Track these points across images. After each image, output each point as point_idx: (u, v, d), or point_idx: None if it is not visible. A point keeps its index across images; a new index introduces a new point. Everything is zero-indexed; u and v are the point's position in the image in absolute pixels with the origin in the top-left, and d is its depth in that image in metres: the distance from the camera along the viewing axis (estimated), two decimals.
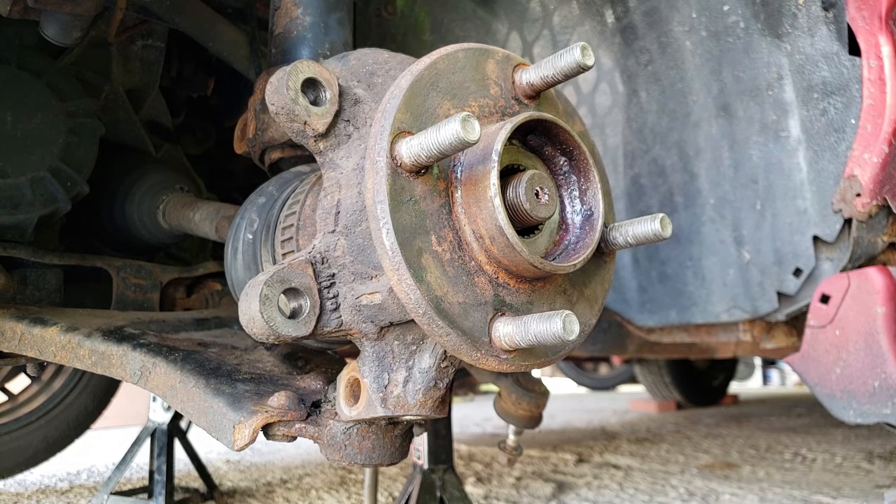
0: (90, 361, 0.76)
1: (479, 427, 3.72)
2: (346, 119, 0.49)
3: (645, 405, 4.80)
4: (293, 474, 2.32)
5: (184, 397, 0.63)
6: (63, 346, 0.79)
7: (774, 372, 9.96)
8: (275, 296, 0.43)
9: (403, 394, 0.49)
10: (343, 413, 0.53)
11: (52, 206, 1.03)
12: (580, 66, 0.38)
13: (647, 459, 2.59)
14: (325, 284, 0.45)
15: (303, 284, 0.44)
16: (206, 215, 1.00)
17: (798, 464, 2.48)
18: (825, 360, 1.14)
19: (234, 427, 0.56)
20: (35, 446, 1.89)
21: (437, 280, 0.38)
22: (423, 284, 0.37)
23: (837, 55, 0.90)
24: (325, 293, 0.45)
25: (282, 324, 0.43)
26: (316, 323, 0.45)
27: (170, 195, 1.13)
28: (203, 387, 0.62)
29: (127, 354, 0.72)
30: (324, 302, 0.45)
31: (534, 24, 1.11)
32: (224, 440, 0.56)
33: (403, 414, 0.49)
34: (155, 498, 1.75)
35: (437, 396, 0.49)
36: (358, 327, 0.47)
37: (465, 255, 0.39)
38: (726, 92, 0.98)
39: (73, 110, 1.06)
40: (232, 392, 0.60)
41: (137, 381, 0.70)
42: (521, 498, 1.93)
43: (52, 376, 1.92)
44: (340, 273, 0.47)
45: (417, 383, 0.48)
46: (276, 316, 0.43)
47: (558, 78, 0.40)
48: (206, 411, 0.60)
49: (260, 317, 0.42)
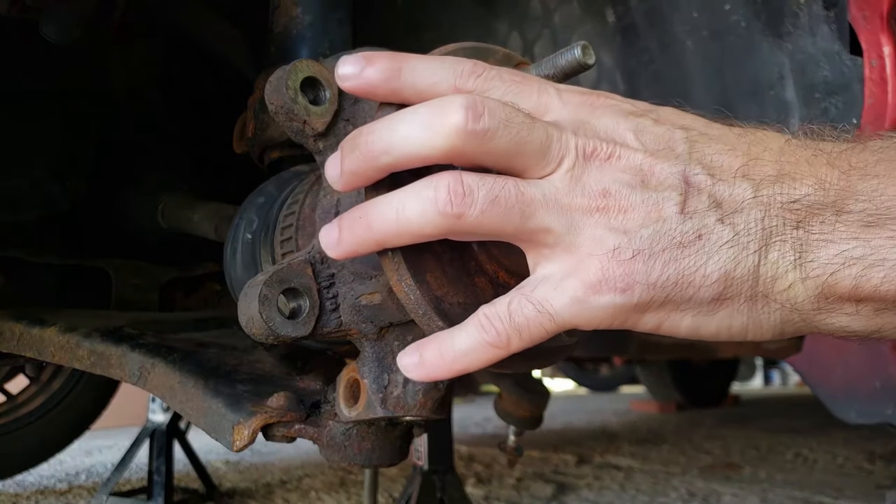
0: (89, 362, 0.75)
1: (479, 428, 3.71)
2: (345, 118, 0.48)
3: (646, 406, 4.80)
4: (292, 475, 2.32)
5: (183, 398, 0.63)
6: (62, 347, 0.79)
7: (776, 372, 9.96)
8: (274, 296, 0.42)
9: (403, 394, 0.48)
10: (342, 414, 0.52)
11: (51, 207, 1.02)
12: (581, 64, 0.37)
13: (648, 460, 2.59)
14: (325, 284, 0.45)
15: (302, 284, 0.44)
16: (205, 215, 1.00)
17: (799, 464, 2.48)
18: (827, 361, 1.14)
19: (234, 428, 0.55)
20: (34, 447, 1.89)
21: (437, 280, 0.37)
22: (423, 284, 0.36)
23: (839, 55, 0.90)
24: (324, 293, 0.45)
25: (281, 324, 0.42)
26: (315, 323, 0.44)
27: (168, 195, 1.13)
28: (202, 387, 0.61)
29: (126, 355, 0.71)
30: (323, 302, 0.45)
31: (534, 23, 1.11)
32: (223, 441, 0.56)
33: (403, 415, 0.49)
34: (154, 499, 1.74)
35: (437, 397, 0.48)
36: (357, 328, 0.47)
37: (465, 254, 0.38)
38: (727, 91, 0.98)
39: (72, 110, 1.06)
40: (231, 392, 0.59)
41: (136, 382, 0.69)
42: (521, 499, 1.93)
43: (50, 377, 1.91)
44: (340, 273, 0.46)
45: (417, 384, 0.47)
46: (276, 316, 0.42)
47: (558, 77, 0.39)
48: (206, 412, 0.59)
49: (259, 317, 0.41)
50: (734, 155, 0.34)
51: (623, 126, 0.35)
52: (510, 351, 0.34)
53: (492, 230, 0.33)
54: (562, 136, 0.34)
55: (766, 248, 0.33)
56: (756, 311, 0.34)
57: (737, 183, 0.33)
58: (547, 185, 0.34)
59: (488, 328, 0.34)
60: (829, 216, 0.32)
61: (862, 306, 0.33)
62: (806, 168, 0.33)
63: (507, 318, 0.34)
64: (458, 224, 0.33)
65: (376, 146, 0.34)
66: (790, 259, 0.33)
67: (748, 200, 0.33)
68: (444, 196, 0.32)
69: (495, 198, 0.32)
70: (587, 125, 0.35)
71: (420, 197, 0.33)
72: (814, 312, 0.34)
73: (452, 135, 0.32)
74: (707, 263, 0.33)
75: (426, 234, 0.34)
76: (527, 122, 0.33)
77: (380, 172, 0.35)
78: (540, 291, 0.34)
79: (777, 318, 0.34)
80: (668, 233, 0.33)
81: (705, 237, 0.33)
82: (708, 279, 0.33)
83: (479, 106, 0.32)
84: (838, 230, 0.32)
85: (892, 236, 0.31)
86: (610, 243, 0.33)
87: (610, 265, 0.32)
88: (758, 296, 0.33)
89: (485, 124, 0.32)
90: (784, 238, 0.33)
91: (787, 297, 0.33)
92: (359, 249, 0.36)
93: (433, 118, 0.32)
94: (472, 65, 0.36)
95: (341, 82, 0.36)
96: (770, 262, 0.33)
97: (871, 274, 0.31)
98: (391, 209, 0.34)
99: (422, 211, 0.33)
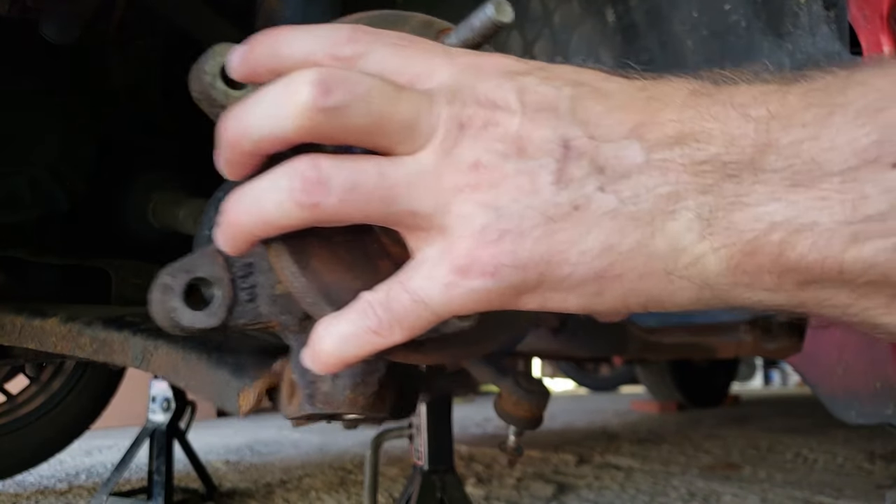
0: (91, 349, 0.76)
1: (479, 428, 3.71)
2: None
3: (646, 406, 4.80)
4: (293, 475, 2.32)
5: (187, 374, 0.64)
6: (63, 336, 0.80)
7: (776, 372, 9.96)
8: (178, 286, 0.40)
9: (332, 390, 0.46)
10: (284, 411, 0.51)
11: (51, 207, 1.02)
12: (494, 23, 0.34)
13: (649, 460, 2.59)
14: (241, 274, 0.42)
15: (211, 274, 0.41)
16: (189, 212, 1.00)
17: (799, 464, 2.48)
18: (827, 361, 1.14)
19: (240, 393, 0.57)
20: (34, 447, 1.89)
21: (327, 265, 0.34)
22: (309, 271, 0.33)
23: (839, 54, 0.89)
24: (239, 283, 0.42)
25: (185, 315, 0.40)
26: (228, 314, 0.41)
27: (159, 194, 1.13)
28: (206, 360, 0.62)
29: (128, 340, 0.72)
30: (238, 292, 0.42)
31: (534, 23, 1.11)
32: (230, 407, 0.57)
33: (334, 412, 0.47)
34: (154, 499, 1.74)
35: (368, 393, 0.47)
36: (277, 319, 0.44)
37: (367, 236, 0.35)
38: None
39: (71, 109, 1.06)
40: (234, 362, 0.61)
41: (139, 365, 0.70)
42: (521, 499, 1.93)
43: (50, 377, 1.91)
44: (258, 262, 0.43)
45: (346, 379, 0.46)
46: (179, 306, 0.40)
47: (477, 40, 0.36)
48: (211, 382, 0.61)
49: (161, 307, 0.39)
50: (627, 112, 0.30)
51: (506, 87, 0.31)
52: (395, 339, 0.32)
53: (357, 217, 0.31)
54: (433, 106, 0.30)
55: (664, 217, 0.28)
56: (656, 288, 0.30)
57: (625, 144, 0.29)
58: (413, 163, 0.30)
59: (370, 315, 0.31)
60: (745, 176, 0.28)
61: (785, 279, 0.28)
62: (713, 124, 0.29)
63: (386, 306, 0.31)
64: (318, 213, 0.30)
65: (235, 132, 0.31)
66: (696, 229, 0.28)
67: (638, 164, 0.29)
68: (298, 185, 0.29)
69: (353, 184, 0.29)
70: (468, 90, 0.31)
71: (276, 187, 0.30)
72: (728, 286, 0.29)
73: (300, 113, 0.29)
74: (586, 238, 0.29)
75: (289, 224, 0.31)
76: (390, 94, 0.30)
77: (250, 159, 0.32)
78: (414, 279, 0.31)
79: (685, 296, 0.30)
80: (539, 206, 0.29)
81: (583, 208, 0.29)
82: (587, 255, 0.29)
83: (330, 79, 0.29)
84: (756, 191, 0.27)
85: (824, 196, 0.26)
86: (477, 223, 0.29)
87: (477, 247, 0.29)
88: (656, 272, 0.29)
89: (336, 100, 0.29)
90: (688, 206, 0.28)
91: (694, 272, 0.29)
92: (240, 246, 0.33)
93: (280, 97, 0.30)
94: (349, 31, 0.33)
95: (232, 73, 0.34)
96: (669, 233, 0.29)
97: (796, 240, 0.27)
98: (251, 201, 0.31)
99: (278, 202, 0.30)
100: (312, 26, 0.33)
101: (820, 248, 0.27)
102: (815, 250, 0.27)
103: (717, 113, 0.29)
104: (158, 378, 1.87)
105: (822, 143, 0.27)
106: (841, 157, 0.26)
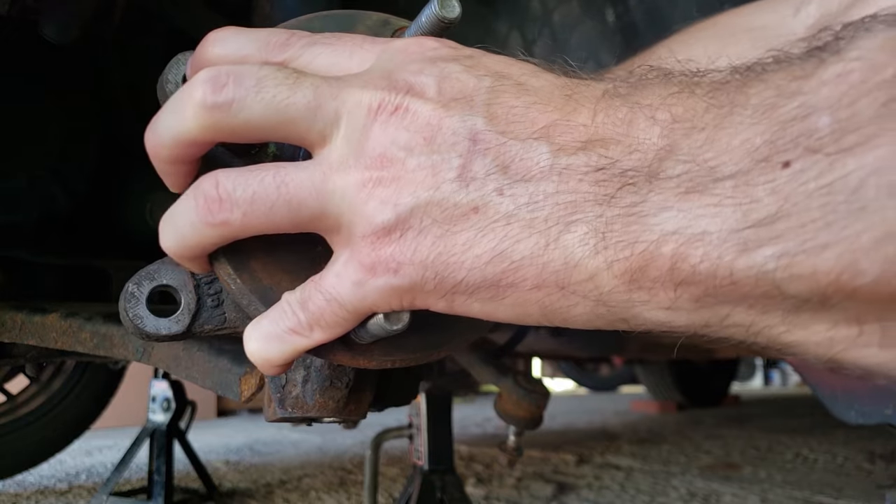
0: (92, 343, 0.76)
1: (479, 428, 3.72)
2: None
3: (646, 406, 4.80)
4: (292, 475, 2.32)
5: (188, 364, 0.64)
6: (64, 332, 0.80)
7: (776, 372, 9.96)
8: (142, 293, 0.40)
9: (302, 394, 0.46)
10: (265, 413, 0.51)
11: (51, 206, 1.02)
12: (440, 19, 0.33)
13: (649, 460, 2.59)
14: (206, 280, 0.42)
15: (176, 280, 0.41)
16: None
17: (799, 464, 2.48)
18: None
19: (240, 379, 0.57)
20: (34, 447, 1.89)
21: (266, 268, 0.33)
22: (246, 273, 0.33)
23: None
24: (204, 289, 0.42)
25: (149, 322, 0.40)
26: (193, 321, 0.41)
27: (156, 194, 1.13)
28: (206, 350, 0.63)
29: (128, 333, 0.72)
30: (203, 298, 0.42)
31: (534, 23, 1.11)
32: (231, 394, 0.58)
33: (304, 415, 0.47)
34: (154, 499, 1.74)
35: (338, 397, 0.46)
36: (244, 324, 0.43)
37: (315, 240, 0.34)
38: None
39: (71, 109, 1.06)
40: (234, 349, 0.61)
41: (140, 358, 0.71)
42: (521, 499, 1.93)
43: (50, 377, 1.92)
44: None
45: (315, 383, 0.46)
46: (143, 314, 0.40)
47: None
48: (212, 371, 0.61)
49: (125, 315, 0.39)
50: (542, 111, 0.28)
51: (427, 71, 0.29)
52: (317, 339, 0.31)
53: (268, 227, 0.30)
54: (339, 92, 0.29)
55: (559, 229, 0.27)
56: (551, 302, 0.28)
57: (533, 145, 0.27)
58: (317, 163, 0.29)
59: (288, 314, 0.31)
60: (642, 185, 0.26)
61: (680, 294, 0.26)
62: (620, 128, 0.27)
63: (303, 305, 0.31)
64: (230, 230, 0.29)
65: (151, 142, 0.31)
66: (591, 244, 0.26)
67: (541, 168, 0.27)
68: (203, 204, 0.29)
69: (253, 195, 0.29)
70: (384, 74, 0.30)
71: (186, 208, 0.30)
72: (625, 304, 0.27)
73: (196, 113, 0.28)
74: (480, 242, 0.28)
75: (210, 243, 0.31)
76: (285, 83, 0.29)
77: (176, 167, 0.31)
78: (326, 277, 0.31)
79: (581, 312, 0.28)
80: (440, 204, 0.28)
81: (482, 211, 0.27)
82: (479, 260, 0.28)
83: (222, 76, 0.28)
84: (651, 200, 0.25)
85: (716, 202, 0.24)
86: (379, 220, 0.28)
87: (380, 244, 0.29)
88: (548, 285, 0.28)
89: (228, 95, 0.28)
90: (585, 217, 0.26)
91: (589, 288, 0.27)
92: (188, 265, 0.33)
93: (179, 101, 0.29)
94: (285, 35, 0.32)
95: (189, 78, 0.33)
96: (563, 246, 0.27)
97: (688, 252, 0.25)
98: (171, 228, 0.31)
99: (191, 224, 0.30)
100: (251, 30, 0.33)
101: (711, 259, 0.24)
102: (707, 261, 0.25)
103: (625, 116, 0.27)
104: (158, 378, 1.88)
105: (718, 145, 0.25)
106: (734, 159, 0.24)
